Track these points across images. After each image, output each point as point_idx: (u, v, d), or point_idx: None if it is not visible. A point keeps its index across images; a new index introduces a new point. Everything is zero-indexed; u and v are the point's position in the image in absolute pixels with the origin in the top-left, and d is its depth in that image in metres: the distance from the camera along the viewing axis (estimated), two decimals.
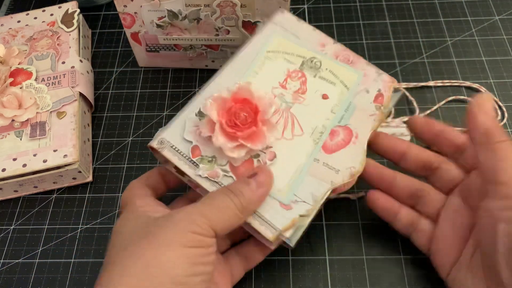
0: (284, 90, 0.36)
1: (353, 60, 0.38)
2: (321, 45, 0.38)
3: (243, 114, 0.32)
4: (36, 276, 0.39)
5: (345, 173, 0.34)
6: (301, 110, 0.35)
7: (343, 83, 0.37)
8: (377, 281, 0.37)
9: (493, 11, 0.53)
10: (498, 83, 0.48)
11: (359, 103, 0.36)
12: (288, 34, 0.38)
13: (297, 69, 0.37)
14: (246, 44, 0.38)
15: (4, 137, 0.42)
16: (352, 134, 0.35)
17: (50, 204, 0.43)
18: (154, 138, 0.34)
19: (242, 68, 0.37)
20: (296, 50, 0.38)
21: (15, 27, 0.50)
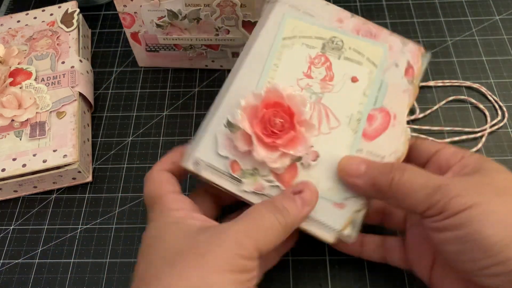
0: (310, 80, 0.33)
1: (375, 33, 0.34)
2: (339, 21, 0.34)
3: (278, 120, 0.30)
4: (36, 276, 0.39)
5: (390, 158, 0.32)
6: (332, 99, 0.33)
7: (370, 61, 0.34)
8: (377, 281, 0.37)
9: (493, 11, 0.53)
10: (498, 83, 0.48)
11: (390, 80, 0.34)
12: (300, 14, 0.34)
13: (319, 53, 0.34)
14: (257, 33, 0.34)
15: (4, 137, 0.42)
16: (389, 115, 0.33)
17: (49, 204, 0.43)
18: (187, 159, 0.32)
19: (259, 63, 0.33)
20: (313, 31, 0.34)
21: (15, 27, 0.50)
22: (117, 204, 0.42)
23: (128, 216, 0.42)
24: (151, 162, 0.45)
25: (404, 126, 0.33)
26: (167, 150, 0.45)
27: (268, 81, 0.33)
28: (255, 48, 0.34)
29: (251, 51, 0.33)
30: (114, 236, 0.41)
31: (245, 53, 0.34)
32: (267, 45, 0.34)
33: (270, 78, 0.33)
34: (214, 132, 0.32)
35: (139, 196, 0.43)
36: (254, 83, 0.33)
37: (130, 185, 0.43)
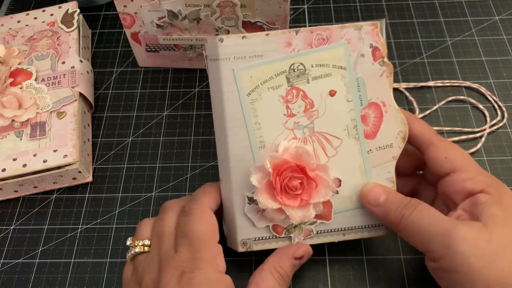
0: (295, 117, 0.32)
1: (328, 35, 0.32)
2: (288, 45, 0.32)
3: (296, 182, 0.31)
4: (36, 276, 0.39)
5: (397, 142, 0.34)
6: (323, 122, 0.33)
7: (337, 66, 0.33)
8: (377, 281, 0.37)
9: (493, 11, 0.53)
10: (498, 83, 0.48)
11: (363, 72, 0.33)
12: (248, 60, 0.31)
13: (288, 88, 0.32)
14: (218, 98, 0.32)
15: (4, 137, 0.42)
16: (379, 106, 0.33)
17: (50, 204, 0.43)
18: (233, 243, 0.34)
19: (241, 130, 0.32)
20: (270, 70, 0.32)
21: (15, 27, 0.50)
22: (117, 204, 0.42)
23: (128, 216, 0.42)
24: (151, 162, 0.45)
25: (395, 107, 0.34)
26: (167, 150, 0.45)
27: (260, 141, 0.32)
28: (228, 117, 0.32)
29: (227, 121, 0.32)
30: (114, 236, 0.41)
31: (219, 121, 0.33)
32: (237, 110, 0.32)
33: (259, 137, 0.32)
34: (241, 211, 0.33)
35: (139, 196, 0.43)
36: (248, 150, 0.32)
37: (130, 185, 0.43)
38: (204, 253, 0.30)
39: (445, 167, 0.32)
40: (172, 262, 0.30)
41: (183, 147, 0.45)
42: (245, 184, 0.32)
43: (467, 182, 0.31)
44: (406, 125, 0.34)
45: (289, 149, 0.31)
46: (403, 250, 0.38)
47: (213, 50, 0.31)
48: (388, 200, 0.32)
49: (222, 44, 0.31)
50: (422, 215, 0.30)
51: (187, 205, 0.33)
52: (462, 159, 0.32)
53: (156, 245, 0.32)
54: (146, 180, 0.44)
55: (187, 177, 0.44)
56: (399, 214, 0.31)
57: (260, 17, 0.43)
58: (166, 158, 0.45)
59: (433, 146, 0.33)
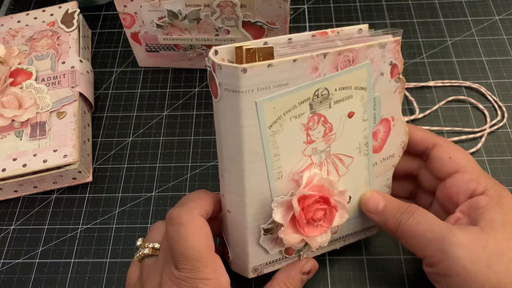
0: (313, 143, 0.31)
1: (353, 57, 0.30)
2: (314, 70, 0.28)
3: (321, 214, 0.31)
4: (36, 276, 0.39)
5: (398, 151, 0.35)
6: (339, 144, 0.32)
7: (358, 87, 0.31)
8: (377, 281, 0.37)
9: (493, 11, 0.53)
10: (498, 83, 0.48)
11: (380, 90, 0.32)
12: (273, 90, 0.27)
13: (310, 115, 0.30)
14: (234, 130, 0.28)
15: (4, 137, 0.42)
16: (389, 121, 0.34)
17: (50, 204, 0.43)
18: (244, 269, 0.33)
19: (260, 163, 0.29)
20: (295, 99, 0.29)
21: (15, 27, 0.50)
22: (117, 204, 0.42)
23: (128, 216, 0.42)
24: (151, 162, 0.45)
25: (402, 120, 0.34)
26: (167, 150, 0.45)
27: (277, 172, 0.30)
28: (246, 152, 0.28)
29: (244, 156, 0.29)
30: (114, 236, 0.41)
31: (233, 155, 0.29)
32: (257, 143, 0.28)
33: (277, 168, 0.30)
34: (255, 242, 0.32)
35: (139, 196, 0.43)
36: (265, 183, 0.30)
37: (130, 185, 0.43)
38: (205, 273, 0.28)
39: (449, 167, 0.33)
40: (172, 278, 0.29)
41: (183, 147, 0.45)
42: (260, 215, 0.31)
43: (471, 182, 0.32)
44: (408, 135, 0.35)
45: (313, 181, 0.31)
46: (403, 250, 0.38)
47: (232, 80, 0.26)
48: (387, 207, 0.33)
49: (245, 75, 0.26)
50: (419, 221, 0.31)
51: (175, 211, 0.30)
52: (465, 160, 0.33)
53: (163, 252, 0.31)
54: (146, 180, 0.44)
55: (187, 177, 0.44)
56: (396, 220, 0.32)
57: (260, 17, 0.43)
58: (166, 158, 0.45)
59: (438, 146, 0.34)
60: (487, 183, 0.31)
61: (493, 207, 0.30)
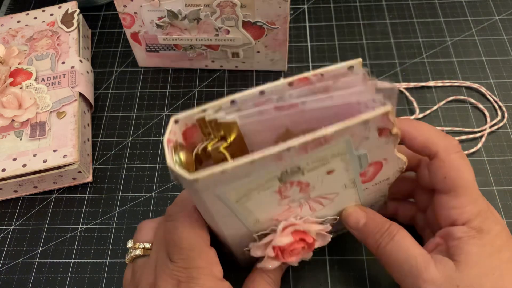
0: (289, 198, 0.28)
1: (326, 138, 0.24)
2: (279, 159, 0.24)
3: (299, 249, 0.31)
4: (36, 276, 0.39)
5: (394, 174, 0.32)
6: (319, 190, 0.29)
7: (336, 155, 0.26)
8: (377, 281, 0.37)
9: (493, 11, 0.53)
10: (498, 83, 0.48)
11: (367, 148, 0.27)
12: (233, 182, 0.24)
13: (280, 185, 0.26)
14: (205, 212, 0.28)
15: (4, 137, 0.42)
16: (380, 163, 0.30)
17: (50, 204, 0.43)
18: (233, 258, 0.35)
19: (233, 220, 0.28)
20: (259, 181, 0.25)
21: (15, 27, 0.50)
22: (117, 204, 0.42)
23: (128, 216, 0.42)
24: (151, 162, 0.45)
25: (396, 156, 0.30)
26: None
27: (254, 221, 0.29)
28: (219, 220, 0.28)
29: (216, 219, 0.28)
30: (114, 236, 0.41)
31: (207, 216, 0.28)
32: (227, 213, 0.27)
33: (253, 220, 0.29)
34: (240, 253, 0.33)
35: (139, 196, 0.43)
36: (243, 229, 0.30)
37: (130, 185, 0.43)
38: (199, 263, 0.29)
39: (440, 186, 0.31)
40: (167, 271, 0.29)
41: None
42: (243, 243, 0.32)
43: (453, 211, 0.30)
44: (406, 161, 0.31)
45: (287, 229, 0.30)
46: None
47: (186, 184, 0.24)
48: (367, 226, 0.32)
49: (199, 184, 0.23)
50: (398, 250, 0.30)
51: (171, 209, 0.31)
52: (460, 184, 0.30)
53: (156, 250, 0.31)
54: (146, 180, 0.44)
55: None
56: (376, 242, 0.31)
57: (260, 17, 0.43)
58: (166, 158, 0.45)
59: (436, 159, 0.31)
60: (471, 214, 0.29)
61: (470, 239, 0.29)
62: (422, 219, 0.36)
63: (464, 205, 0.30)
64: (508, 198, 0.41)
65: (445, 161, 0.30)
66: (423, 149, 0.31)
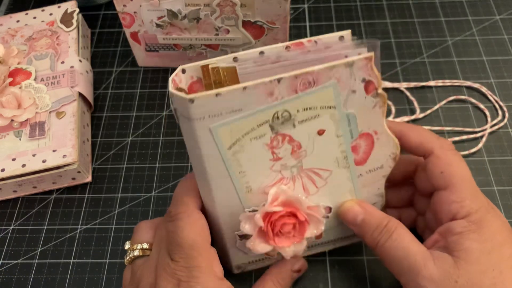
0: (281, 161, 0.30)
1: (314, 78, 0.27)
2: (270, 95, 0.27)
3: (289, 227, 0.30)
4: (35, 276, 0.39)
5: (388, 163, 0.33)
6: (311, 160, 0.30)
7: (325, 107, 0.29)
8: (377, 281, 0.37)
9: (493, 11, 0.53)
10: (498, 83, 0.47)
11: (354, 107, 0.29)
12: (226, 116, 0.27)
13: (272, 136, 0.28)
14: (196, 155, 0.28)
15: (3, 137, 0.42)
16: (370, 135, 0.31)
17: (49, 205, 0.43)
18: (230, 267, 0.35)
19: (226, 181, 0.29)
20: (252, 122, 0.27)
21: (14, 27, 0.50)
22: (116, 204, 0.42)
23: (127, 216, 0.42)
24: (151, 162, 0.45)
25: (387, 132, 0.31)
26: (167, 150, 0.45)
27: (246, 187, 0.30)
28: (210, 171, 0.29)
29: (208, 174, 0.29)
30: (114, 236, 0.41)
31: (200, 173, 0.30)
32: (218, 164, 0.28)
33: (245, 183, 0.30)
34: (233, 245, 0.33)
35: (138, 196, 0.43)
36: (234, 195, 0.30)
37: (129, 185, 0.43)
38: (199, 261, 0.29)
39: (438, 182, 0.31)
40: (168, 270, 0.29)
41: (183, 147, 0.45)
42: (234, 223, 0.31)
43: (453, 205, 0.30)
44: (399, 147, 0.32)
45: (279, 197, 0.30)
46: None
47: (183, 109, 0.27)
48: (365, 222, 0.32)
49: (193, 105, 0.26)
50: (396, 247, 0.30)
51: (172, 209, 0.31)
52: (457, 177, 0.31)
53: (156, 250, 0.31)
54: (146, 180, 0.44)
55: None
56: (374, 239, 0.31)
57: (260, 16, 0.43)
58: (166, 158, 0.45)
59: (433, 156, 0.32)
60: (472, 207, 0.30)
61: (470, 234, 0.29)
62: (423, 222, 0.36)
63: (464, 198, 0.30)
64: (508, 198, 0.41)
65: (441, 157, 0.32)
66: (419, 147, 0.33)
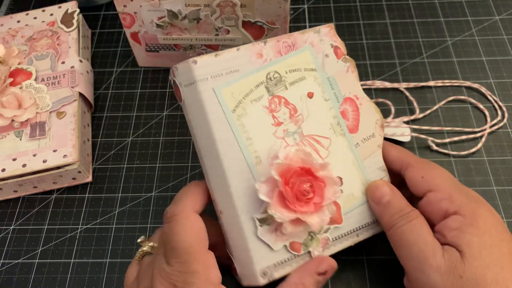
0: (283, 125, 0.32)
1: (293, 42, 0.34)
2: (259, 56, 0.32)
3: (307, 186, 0.30)
4: (36, 276, 0.39)
5: (377, 131, 0.36)
6: (309, 125, 0.33)
7: (308, 69, 0.34)
8: (377, 281, 0.37)
9: (493, 11, 0.53)
10: (498, 83, 0.48)
11: (332, 71, 0.35)
12: (225, 77, 0.31)
13: (269, 98, 0.32)
14: (204, 121, 0.31)
15: (4, 137, 0.42)
16: (353, 100, 0.35)
17: (49, 204, 0.43)
18: (252, 276, 0.30)
19: (234, 149, 0.31)
20: (249, 83, 0.32)
21: (15, 27, 0.50)
22: (117, 204, 0.42)
23: (128, 216, 0.42)
24: (151, 162, 0.45)
25: (367, 98, 0.36)
26: (167, 150, 0.45)
27: (255, 157, 0.31)
28: (218, 138, 0.30)
29: (217, 142, 0.30)
30: (114, 236, 0.41)
31: (207, 148, 0.31)
32: (225, 128, 0.31)
33: (253, 153, 0.31)
34: (254, 237, 0.30)
35: (139, 196, 0.43)
36: (246, 169, 0.31)
37: (130, 185, 0.43)
38: (195, 266, 0.28)
39: (421, 186, 0.32)
40: (163, 274, 0.29)
41: (183, 147, 0.45)
42: (251, 206, 0.30)
43: (442, 201, 0.31)
44: (380, 112, 0.36)
45: (289, 154, 0.31)
46: None
47: (187, 74, 0.31)
48: (390, 203, 0.32)
49: (197, 65, 0.30)
50: (411, 232, 0.30)
51: (169, 210, 0.31)
52: (438, 178, 0.32)
53: (157, 251, 0.31)
54: (146, 180, 0.44)
55: (187, 177, 0.44)
56: (392, 221, 0.32)
57: (260, 17, 0.43)
58: (166, 158, 0.45)
59: (410, 166, 0.34)
60: (461, 201, 0.30)
61: (468, 228, 0.29)
62: None
63: (450, 193, 0.31)
64: (508, 198, 0.41)
65: (418, 165, 0.34)
66: (397, 161, 0.35)
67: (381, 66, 0.49)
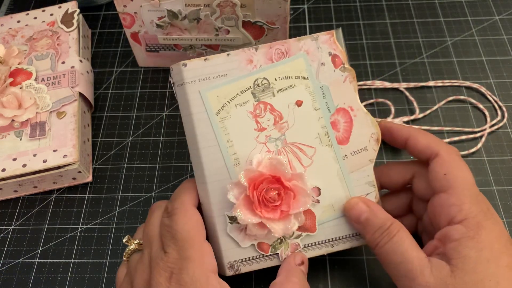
0: (266, 131, 0.33)
1: (286, 49, 0.33)
2: (249, 62, 0.33)
3: (274, 193, 0.31)
4: (36, 276, 0.39)
5: (371, 144, 0.34)
6: (294, 133, 0.33)
7: (299, 77, 0.33)
8: (377, 281, 0.37)
9: (493, 11, 0.53)
10: (498, 83, 0.48)
11: (326, 80, 0.34)
12: (213, 81, 0.32)
13: (255, 103, 0.33)
14: (189, 121, 0.33)
15: (4, 137, 0.42)
16: (347, 111, 0.34)
17: (50, 204, 0.43)
18: (221, 266, 0.32)
19: (215, 150, 0.32)
20: (236, 88, 0.33)
21: (15, 27, 0.50)
22: (117, 204, 0.42)
23: (128, 216, 0.42)
24: (151, 162, 0.45)
25: (364, 110, 0.34)
26: (167, 150, 0.45)
27: (234, 158, 0.32)
28: (200, 137, 0.32)
29: (199, 142, 0.32)
30: (114, 236, 0.41)
31: (192, 143, 0.33)
32: (208, 129, 0.32)
33: (233, 155, 0.32)
34: (224, 232, 0.32)
35: (139, 196, 0.43)
36: (223, 169, 0.32)
37: (130, 185, 0.43)
38: (191, 253, 0.29)
39: (440, 184, 0.31)
40: (161, 263, 0.30)
41: (183, 147, 0.45)
42: (225, 204, 0.32)
43: (452, 207, 0.30)
44: (378, 127, 0.34)
45: (263, 161, 0.31)
46: None
47: (179, 76, 0.33)
48: (368, 221, 0.32)
49: (186, 68, 0.32)
50: (394, 252, 0.30)
51: (169, 205, 0.32)
52: (459, 181, 0.31)
53: (147, 247, 0.32)
54: (146, 180, 0.44)
55: (187, 177, 0.44)
56: (374, 240, 0.31)
57: (260, 17, 0.43)
58: (166, 158, 0.45)
59: (438, 158, 0.32)
60: (470, 211, 0.30)
61: (468, 241, 0.29)
62: (422, 226, 0.36)
63: (463, 202, 0.30)
64: (508, 198, 0.41)
65: (446, 159, 0.32)
66: (425, 150, 0.33)
67: (381, 66, 0.50)
